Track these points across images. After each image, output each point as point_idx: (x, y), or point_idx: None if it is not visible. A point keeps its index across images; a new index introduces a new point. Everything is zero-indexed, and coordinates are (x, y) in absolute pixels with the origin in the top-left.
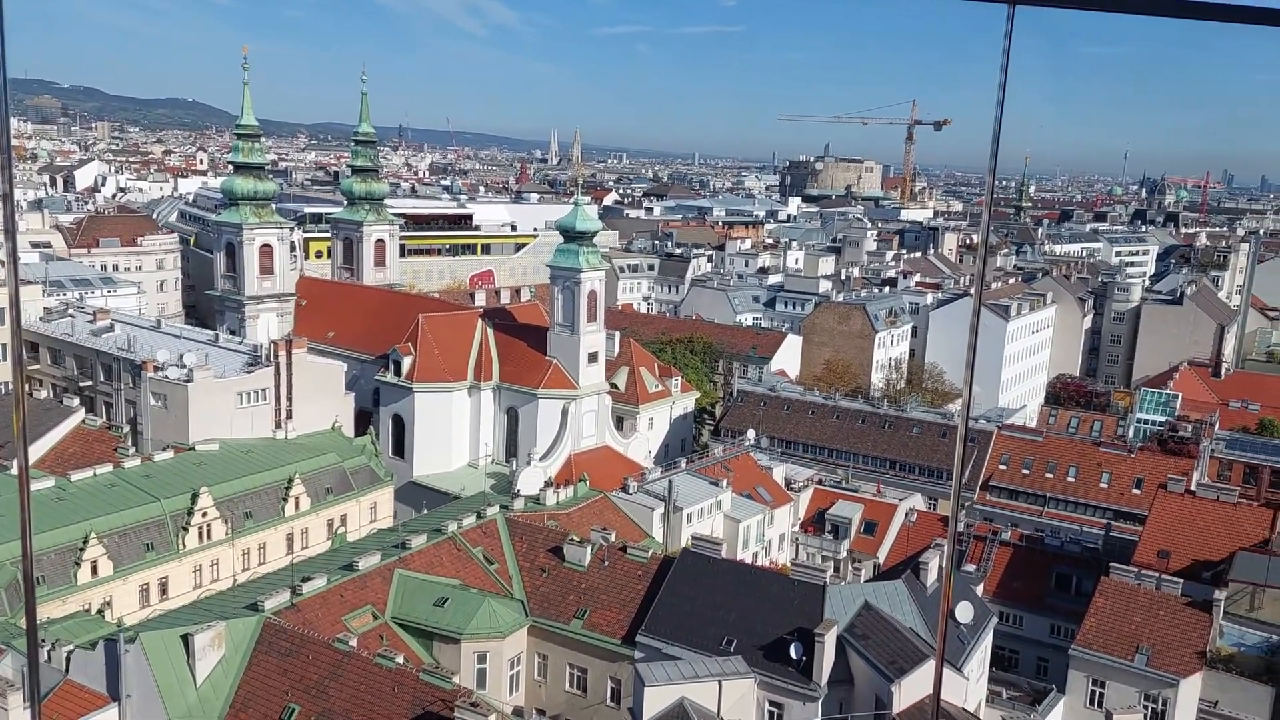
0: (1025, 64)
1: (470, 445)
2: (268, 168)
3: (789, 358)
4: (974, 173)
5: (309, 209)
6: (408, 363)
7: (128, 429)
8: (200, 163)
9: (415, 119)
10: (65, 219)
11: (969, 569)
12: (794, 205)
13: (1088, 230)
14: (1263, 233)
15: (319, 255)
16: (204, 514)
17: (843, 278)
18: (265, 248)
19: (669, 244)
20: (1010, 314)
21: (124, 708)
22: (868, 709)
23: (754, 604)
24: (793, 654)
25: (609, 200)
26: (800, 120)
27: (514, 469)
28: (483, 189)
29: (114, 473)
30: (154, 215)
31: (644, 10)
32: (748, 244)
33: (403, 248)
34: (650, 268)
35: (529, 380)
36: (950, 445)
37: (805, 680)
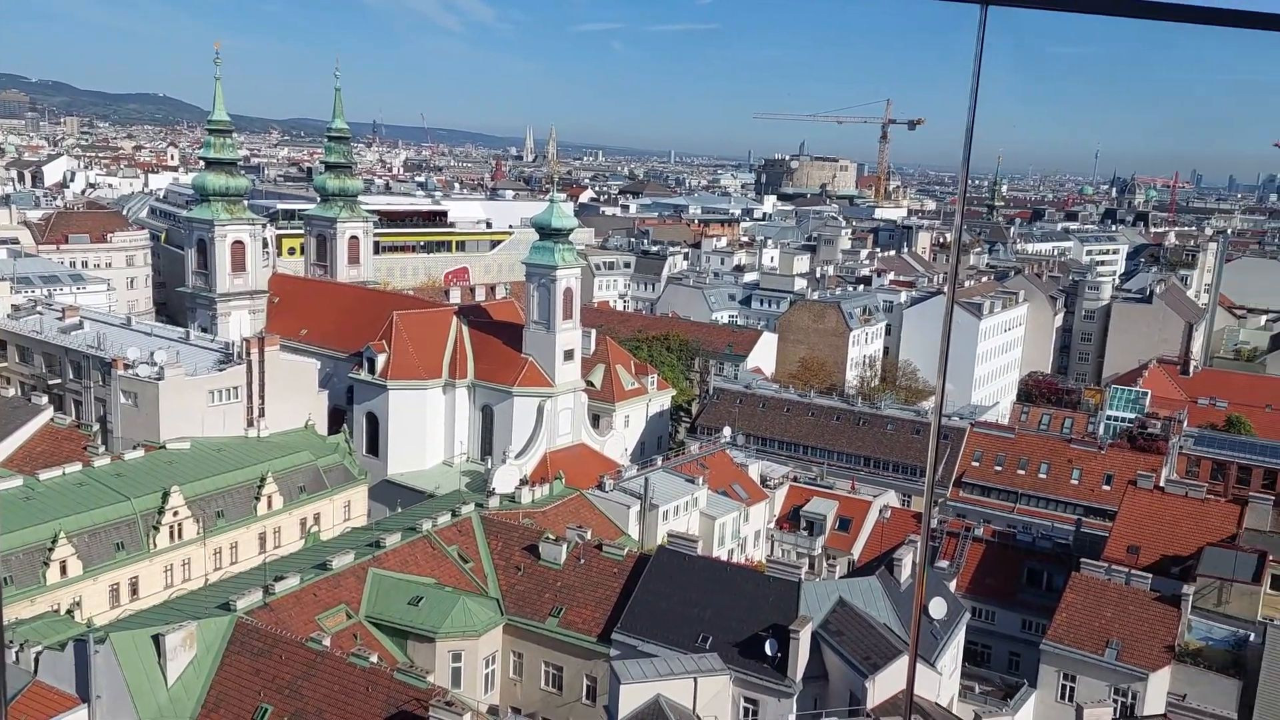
0: (997, 64)
1: (445, 443)
2: (240, 163)
3: (764, 355)
4: (947, 171)
5: (282, 205)
6: (382, 360)
7: (97, 427)
8: (171, 158)
9: (390, 115)
10: (33, 215)
11: (942, 565)
12: (769, 203)
13: (1059, 229)
14: (1230, 232)
15: (292, 252)
16: (175, 513)
17: (817, 276)
18: (237, 244)
19: (645, 241)
20: (983, 312)
21: (94, 709)
22: (842, 704)
23: (729, 601)
24: (768, 650)
25: (585, 197)
26: (775, 118)
27: (489, 467)
28: (458, 186)
29: (83, 472)
30: (124, 211)
31: (619, 8)
32: (723, 242)
33: (377, 245)
34: (626, 265)
35: (504, 378)
36: (924, 442)
37: (780, 676)
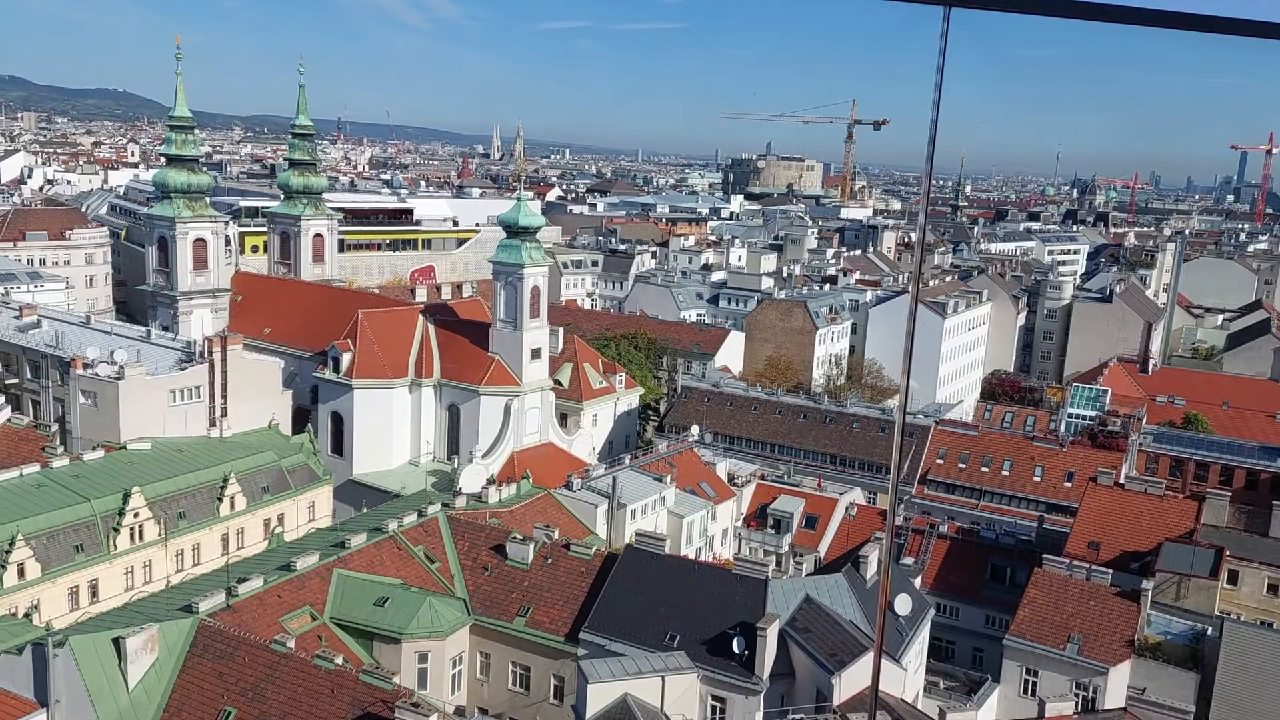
0: (961, 66)
1: (411, 443)
2: (202, 160)
3: (732, 354)
4: (912, 172)
5: (245, 203)
6: (347, 359)
7: (56, 428)
8: (131, 155)
9: (355, 112)
10: None
11: (907, 562)
12: (736, 203)
13: (1021, 229)
14: (1188, 232)
15: (255, 250)
16: (136, 514)
17: (784, 275)
18: (199, 242)
19: (613, 240)
20: (947, 311)
21: (52, 714)
22: (809, 701)
23: (697, 599)
24: (735, 648)
25: (552, 196)
26: (742, 118)
27: (456, 466)
28: (424, 184)
29: (41, 473)
30: (83, 208)
31: (586, 6)
32: (691, 241)
33: (342, 243)
34: (594, 264)
35: (471, 377)
36: (889, 440)
37: (748, 674)
